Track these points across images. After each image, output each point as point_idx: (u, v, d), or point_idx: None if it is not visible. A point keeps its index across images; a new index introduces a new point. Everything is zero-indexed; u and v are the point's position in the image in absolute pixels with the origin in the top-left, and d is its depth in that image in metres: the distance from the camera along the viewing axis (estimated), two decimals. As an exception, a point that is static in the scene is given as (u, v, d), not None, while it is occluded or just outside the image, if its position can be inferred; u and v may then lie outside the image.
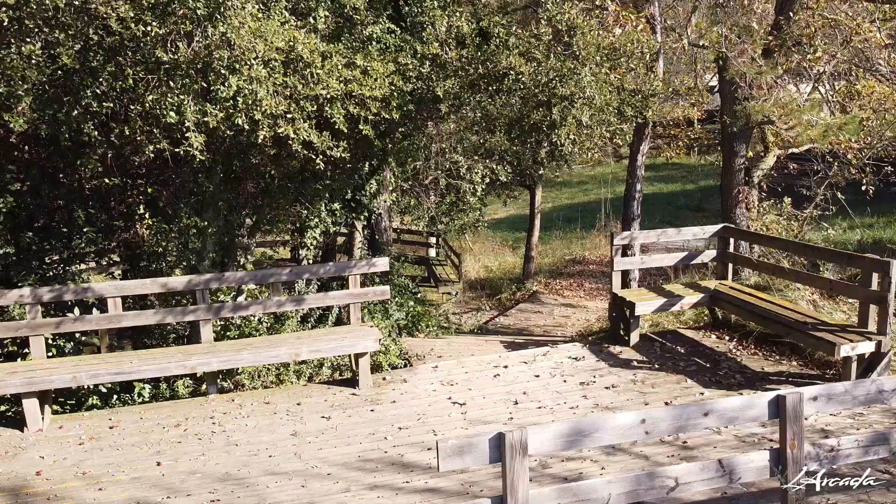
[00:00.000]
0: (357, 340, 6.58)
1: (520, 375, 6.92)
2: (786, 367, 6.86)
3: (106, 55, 4.79)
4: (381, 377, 7.02)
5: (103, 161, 5.76)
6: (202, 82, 4.62)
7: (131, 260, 8.55)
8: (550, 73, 5.44)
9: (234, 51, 4.45)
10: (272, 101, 4.79)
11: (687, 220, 23.02)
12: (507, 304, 14.66)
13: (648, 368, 6.96)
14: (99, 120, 5.25)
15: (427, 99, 5.74)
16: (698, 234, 8.10)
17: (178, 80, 4.51)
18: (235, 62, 4.46)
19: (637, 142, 8.44)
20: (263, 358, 6.39)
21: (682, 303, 7.56)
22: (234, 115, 4.75)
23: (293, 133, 4.94)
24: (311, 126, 5.06)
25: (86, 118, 4.92)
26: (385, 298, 7.14)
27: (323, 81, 5.01)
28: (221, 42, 4.41)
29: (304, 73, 5.00)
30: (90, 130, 5.03)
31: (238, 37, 4.36)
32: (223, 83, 4.52)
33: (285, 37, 4.79)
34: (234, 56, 4.45)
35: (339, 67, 5.11)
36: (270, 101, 4.77)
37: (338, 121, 5.19)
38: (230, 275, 6.65)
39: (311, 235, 8.56)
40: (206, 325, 6.67)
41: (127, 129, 4.96)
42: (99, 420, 6.24)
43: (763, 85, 7.50)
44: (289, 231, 9.63)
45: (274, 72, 4.78)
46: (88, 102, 4.84)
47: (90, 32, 4.47)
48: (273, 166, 6.40)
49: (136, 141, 5.08)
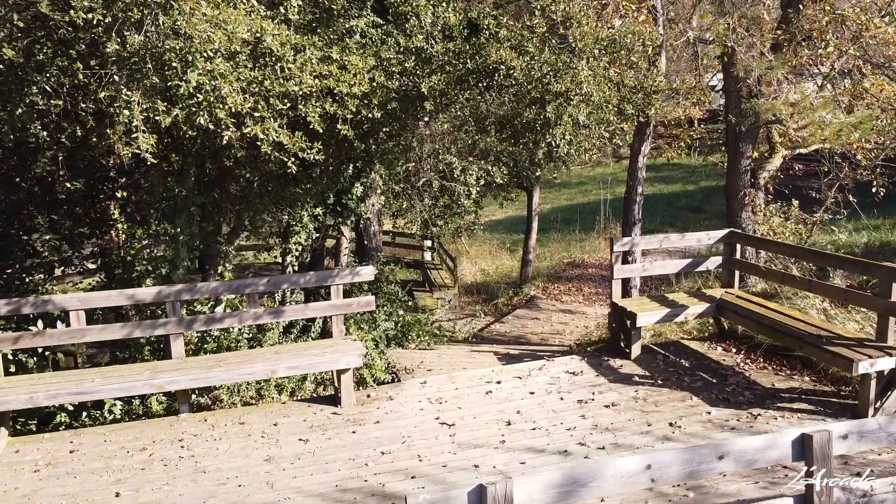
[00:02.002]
0: (339, 356, 6.14)
1: (514, 392, 6.48)
2: (798, 382, 6.42)
3: (55, 49, 4.35)
4: (365, 394, 6.57)
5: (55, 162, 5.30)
6: (154, 76, 4.17)
7: (106, 268, 8.12)
8: (544, 68, 4.99)
9: (187, 41, 4.00)
10: (238, 99, 4.35)
11: (688, 221, 22.61)
12: (503, 310, 14.22)
13: (651, 384, 6.52)
14: (49, 119, 4.81)
15: (412, 96, 5.29)
16: (703, 240, 7.66)
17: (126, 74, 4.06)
18: (189, 54, 4.01)
19: (638, 142, 8.00)
20: (237, 375, 5.95)
21: (686, 313, 7.12)
22: (196, 114, 4.31)
23: (262, 133, 4.50)
24: (282, 126, 4.62)
25: (32, 117, 4.48)
26: (370, 309, 6.70)
27: (295, 77, 4.57)
28: (172, 31, 3.96)
29: (275, 67, 4.55)
30: (37, 130, 4.59)
31: (189, 25, 3.92)
32: (181, 78, 4.07)
33: (252, 27, 4.35)
34: (188, 48, 4.00)
35: (314, 62, 4.66)
36: (236, 98, 4.32)
37: (313, 120, 4.75)
38: (203, 286, 6.21)
39: (295, 241, 8.12)
40: (177, 340, 6.23)
41: (79, 128, 4.52)
42: (59, 443, 5.79)
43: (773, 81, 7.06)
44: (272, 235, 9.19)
45: (239, 66, 4.34)
46: (34, 100, 4.40)
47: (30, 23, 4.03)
48: (248, 169, 5.96)
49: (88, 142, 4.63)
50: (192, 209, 6.34)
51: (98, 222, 7.68)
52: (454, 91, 5.21)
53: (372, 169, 7.00)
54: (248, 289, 6.34)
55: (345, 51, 4.97)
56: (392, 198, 12.31)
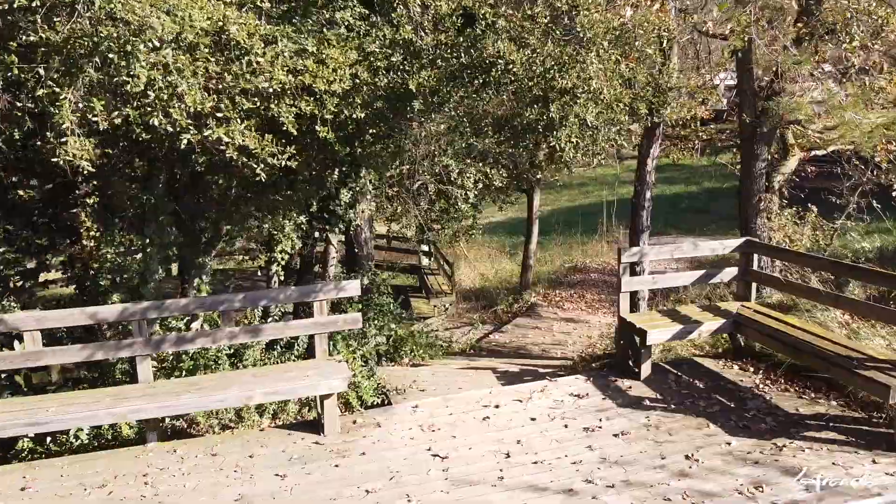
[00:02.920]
0: (321, 380, 5.59)
1: (513, 418, 5.93)
2: (824, 406, 5.87)
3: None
4: (351, 419, 6.02)
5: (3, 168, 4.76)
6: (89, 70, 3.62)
7: (78, 281, 7.58)
8: (547, 62, 4.44)
9: (126, 28, 3.46)
10: (197, 96, 3.80)
11: (692, 223, 22.06)
12: (503, 318, 13.67)
13: (663, 409, 5.97)
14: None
15: (399, 94, 4.75)
16: (717, 250, 7.10)
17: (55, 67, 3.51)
18: (128, 44, 3.46)
19: (647, 144, 7.44)
20: (209, 403, 5.40)
21: (700, 330, 6.57)
22: (150, 115, 3.77)
23: (226, 136, 3.96)
24: (251, 127, 4.08)
25: (-42, 118, 3.97)
26: (357, 327, 6.15)
27: (265, 72, 4.03)
28: (108, 17, 3.42)
29: (241, 61, 4.01)
30: (-30, 133, 4.08)
31: (127, 9, 3.36)
32: (129, 73, 3.53)
33: (212, 14, 3.80)
34: (128, 36, 3.45)
35: (286, 55, 4.12)
36: (195, 95, 3.78)
37: (286, 121, 4.21)
38: (172, 303, 5.65)
39: (281, 249, 7.58)
40: (143, 362, 5.68)
41: (17, 131, 3.99)
42: (12, 478, 5.23)
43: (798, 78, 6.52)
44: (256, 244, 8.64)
45: (197, 59, 3.79)
46: (-40, 99, 3.88)
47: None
48: (222, 175, 5.42)
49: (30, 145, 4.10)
50: (161, 218, 5.78)
51: (67, 231, 7.12)
52: (446, 88, 4.66)
53: (358, 174, 6.46)
54: (222, 306, 5.78)
55: (323, 43, 4.42)
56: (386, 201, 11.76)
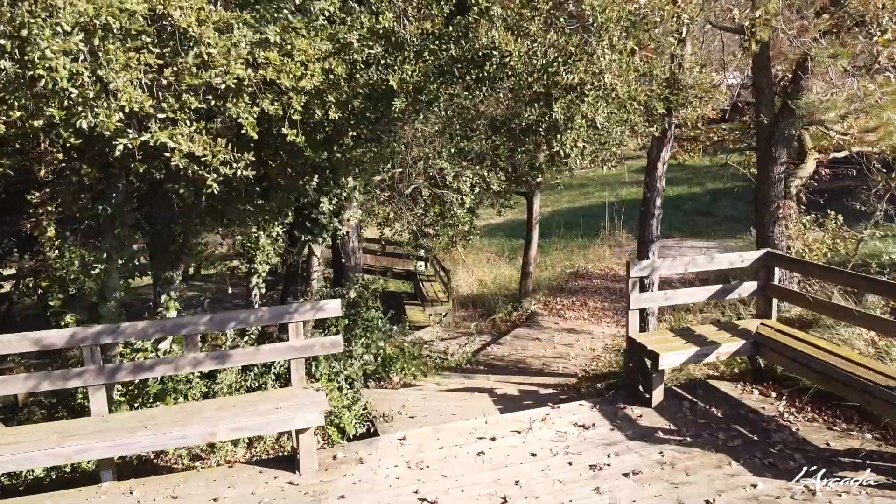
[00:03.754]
0: (295, 413, 4.98)
1: (511, 453, 5.32)
2: (857, 440, 5.26)
3: None
4: (331, 455, 5.41)
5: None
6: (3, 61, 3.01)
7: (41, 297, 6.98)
8: (550, 54, 3.82)
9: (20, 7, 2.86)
10: (133, 94, 3.19)
11: (696, 225, 21.45)
12: (501, 328, 13.05)
13: (678, 442, 5.36)
14: None
15: (380, 92, 4.13)
16: (735, 263, 6.48)
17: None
18: (24, 28, 2.86)
19: (657, 147, 6.82)
20: (167, 440, 4.78)
21: (717, 352, 5.97)
22: (77, 116, 3.16)
23: (171, 141, 3.35)
24: (201, 130, 3.47)
25: None
26: (337, 351, 5.54)
27: (219, 65, 3.42)
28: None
29: (189, 52, 3.39)
30: None
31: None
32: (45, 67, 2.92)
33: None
34: (26, 18, 2.84)
35: (243, 45, 3.51)
36: (130, 92, 3.17)
37: (245, 123, 3.60)
38: (128, 326, 5.04)
39: (261, 260, 6.97)
40: (96, 392, 5.07)
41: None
42: (-57, 526, 4.64)
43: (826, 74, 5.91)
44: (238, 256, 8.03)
45: (130, 49, 3.18)
46: None
47: None
48: (181, 183, 4.81)
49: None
50: (118, 231, 5.17)
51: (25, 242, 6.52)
52: (434, 85, 4.04)
53: (339, 181, 5.84)
54: (185, 329, 5.17)
55: (289, 32, 3.81)
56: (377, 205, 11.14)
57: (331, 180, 5.61)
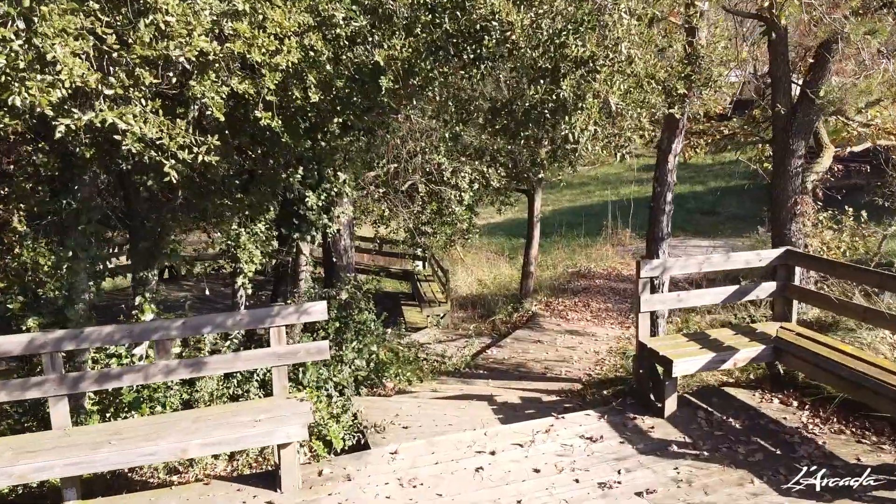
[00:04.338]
0: (277, 426, 4.54)
1: (512, 469, 4.88)
2: (891, 455, 4.82)
3: None
4: (316, 470, 4.97)
5: None
6: None
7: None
8: (558, 23, 3.37)
9: None
10: (75, 67, 2.76)
11: (700, 224, 21.01)
12: (501, 330, 12.61)
13: (695, 457, 4.92)
14: None
15: (367, 72, 3.69)
16: (752, 262, 6.05)
17: None
18: None
19: (669, 139, 6.37)
20: (133, 457, 4.34)
21: (735, 358, 5.53)
22: (8, 92, 2.73)
23: (121, 121, 2.91)
24: (158, 109, 3.03)
25: None
26: (323, 358, 5.10)
27: (178, 36, 2.99)
28: None
29: (143, 20, 2.96)
30: None
31: None
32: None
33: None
34: None
35: (207, 14, 3.07)
36: (71, 63, 2.74)
37: (211, 103, 3.16)
38: (92, 331, 4.60)
39: (245, 259, 6.53)
40: (58, 404, 4.63)
41: None
42: None
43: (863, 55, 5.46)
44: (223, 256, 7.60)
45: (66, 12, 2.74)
46: None
47: None
48: (149, 174, 4.38)
49: None
50: (82, 227, 4.73)
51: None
52: (426, 63, 3.60)
53: (325, 174, 5.40)
54: (155, 334, 4.73)
55: (260, 1, 3.37)
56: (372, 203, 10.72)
57: (316, 172, 5.17)
